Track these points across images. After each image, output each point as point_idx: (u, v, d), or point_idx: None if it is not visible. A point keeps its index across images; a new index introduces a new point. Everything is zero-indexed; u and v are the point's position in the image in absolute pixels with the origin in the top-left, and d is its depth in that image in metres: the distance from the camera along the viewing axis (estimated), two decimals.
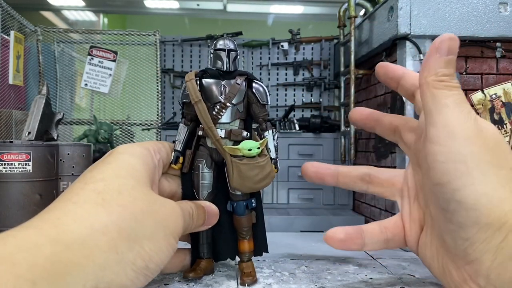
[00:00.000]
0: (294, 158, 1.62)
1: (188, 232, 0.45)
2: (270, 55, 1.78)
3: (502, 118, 1.03)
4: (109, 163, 0.40)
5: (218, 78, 0.47)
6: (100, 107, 1.55)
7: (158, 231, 0.38)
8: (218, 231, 0.49)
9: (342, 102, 1.40)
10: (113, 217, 0.35)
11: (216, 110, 0.46)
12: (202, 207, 0.45)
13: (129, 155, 0.42)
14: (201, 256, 0.48)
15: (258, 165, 0.45)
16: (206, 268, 0.48)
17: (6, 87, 1.20)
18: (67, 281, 0.30)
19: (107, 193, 0.36)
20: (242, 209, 0.47)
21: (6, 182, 0.60)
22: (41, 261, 0.29)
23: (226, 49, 0.47)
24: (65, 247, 0.31)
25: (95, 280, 0.32)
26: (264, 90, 0.49)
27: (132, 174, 0.40)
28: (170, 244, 0.39)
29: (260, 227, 0.50)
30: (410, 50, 1.00)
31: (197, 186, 0.48)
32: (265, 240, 0.50)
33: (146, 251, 0.36)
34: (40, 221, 0.33)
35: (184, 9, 4.12)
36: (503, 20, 1.00)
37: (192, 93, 0.46)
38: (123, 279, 0.35)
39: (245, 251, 0.48)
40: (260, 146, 0.45)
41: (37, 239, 0.31)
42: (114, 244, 0.34)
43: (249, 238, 0.48)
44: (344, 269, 0.52)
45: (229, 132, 0.46)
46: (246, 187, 0.46)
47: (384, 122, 0.50)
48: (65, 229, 0.32)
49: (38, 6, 3.98)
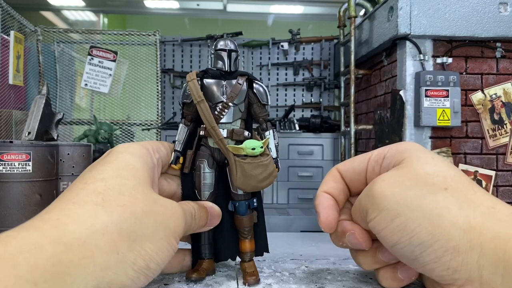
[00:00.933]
0: (294, 158, 1.62)
1: (190, 233, 0.45)
2: (270, 55, 1.78)
3: (502, 118, 1.03)
4: (109, 163, 0.40)
5: (219, 78, 0.47)
6: (100, 107, 1.55)
7: (158, 231, 0.38)
8: (219, 231, 0.49)
9: (342, 102, 1.40)
10: (114, 218, 0.35)
11: (218, 110, 0.46)
12: (205, 208, 0.45)
13: (129, 154, 0.41)
14: (202, 256, 0.48)
15: (262, 164, 0.45)
16: (208, 269, 0.48)
17: (6, 87, 1.20)
18: (68, 282, 0.30)
19: (107, 193, 0.36)
20: (244, 208, 0.47)
21: (6, 182, 0.60)
22: (42, 262, 0.29)
23: (227, 49, 0.47)
24: (66, 248, 0.31)
25: (96, 280, 0.32)
26: (265, 90, 0.49)
27: (133, 173, 0.40)
28: (170, 244, 0.39)
29: (261, 227, 0.50)
30: (410, 50, 1.00)
31: (199, 186, 0.48)
32: (265, 240, 0.50)
33: (147, 251, 0.36)
34: (41, 222, 0.33)
35: (184, 9, 4.12)
36: (503, 20, 1.00)
37: (194, 92, 0.46)
38: (124, 279, 0.35)
39: (247, 251, 0.48)
40: (263, 145, 0.45)
41: (37, 240, 0.30)
42: (114, 245, 0.34)
43: (251, 238, 0.48)
44: (344, 269, 0.52)
45: (231, 131, 0.47)
46: (249, 186, 0.46)
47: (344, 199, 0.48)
48: (65, 229, 0.32)
49: (38, 6, 3.98)
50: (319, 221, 0.44)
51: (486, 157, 1.03)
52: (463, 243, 0.35)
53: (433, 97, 0.97)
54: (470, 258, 0.34)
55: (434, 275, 0.37)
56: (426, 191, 0.37)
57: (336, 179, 0.47)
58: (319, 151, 1.62)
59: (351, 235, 0.43)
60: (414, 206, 0.37)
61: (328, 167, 1.62)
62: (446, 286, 0.37)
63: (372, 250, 0.44)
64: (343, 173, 0.47)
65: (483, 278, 0.34)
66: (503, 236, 0.34)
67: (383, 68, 1.16)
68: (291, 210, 1.59)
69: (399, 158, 0.42)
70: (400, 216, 0.37)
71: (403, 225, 0.37)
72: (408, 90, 1.01)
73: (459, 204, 0.36)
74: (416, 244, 0.36)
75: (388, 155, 0.44)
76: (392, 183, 0.39)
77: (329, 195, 0.46)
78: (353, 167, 0.46)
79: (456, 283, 0.36)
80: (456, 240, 0.35)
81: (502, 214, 0.35)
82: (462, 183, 0.38)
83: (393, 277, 0.43)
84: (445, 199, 0.37)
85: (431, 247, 0.36)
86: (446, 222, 0.36)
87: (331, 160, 1.62)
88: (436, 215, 0.36)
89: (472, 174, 1.02)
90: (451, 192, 0.37)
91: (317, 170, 1.62)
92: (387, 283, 0.44)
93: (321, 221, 0.44)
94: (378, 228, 0.39)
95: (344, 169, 0.47)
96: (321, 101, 1.78)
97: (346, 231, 0.44)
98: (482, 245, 0.34)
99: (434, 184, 0.38)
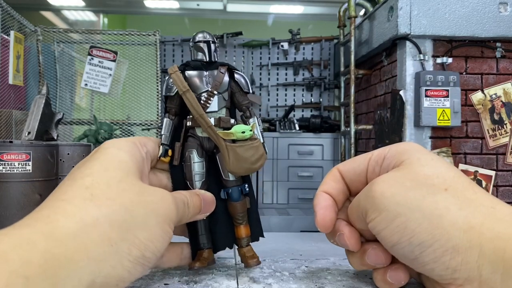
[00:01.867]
0: (294, 158, 1.62)
1: (185, 221, 0.45)
2: (270, 55, 1.78)
3: (502, 118, 1.03)
4: (96, 159, 0.40)
5: (200, 69, 0.49)
6: (100, 107, 1.55)
7: (150, 219, 0.38)
8: (213, 221, 0.50)
9: (342, 102, 1.40)
10: (103, 210, 0.35)
11: (204, 99, 0.47)
12: (197, 195, 0.46)
13: (116, 148, 0.42)
14: (201, 247, 0.49)
15: (253, 146, 0.46)
16: (209, 258, 0.49)
17: (6, 87, 1.20)
18: (61, 277, 0.30)
19: (95, 188, 0.37)
20: (237, 194, 0.48)
21: (6, 182, 0.60)
22: (34, 257, 0.29)
23: (206, 40, 0.49)
24: (59, 243, 0.31)
25: (91, 274, 0.32)
26: (245, 79, 0.51)
27: (120, 166, 0.40)
28: (164, 231, 0.39)
29: (254, 213, 0.51)
30: (410, 50, 1.00)
31: (190, 177, 0.48)
32: (259, 224, 0.51)
33: (141, 240, 0.36)
34: (32, 220, 0.33)
35: (184, 9, 4.12)
36: (503, 20, 1.00)
37: (178, 84, 0.47)
38: (120, 270, 0.35)
39: (243, 237, 0.49)
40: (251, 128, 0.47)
41: (30, 236, 0.31)
42: (107, 237, 0.34)
43: (245, 223, 0.49)
44: (344, 269, 0.52)
45: (218, 119, 0.48)
46: (243, 168, 0.47)
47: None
48: (56, 225, 0.33)
49: (38, 6, 3.98)
50: (316, 220, 0.45)
51: (486, 157, 1.03)
52: (463, 243, 0.35)
53: (433, 97, 0.97)
54: (469, 257, 0.35)
55: (434, 275, 0.38)
56: (426, 192, 0.38)
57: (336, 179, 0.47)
58: (319, 151, 1.62)
59: (340, 236, 0.44)
60: (414, 206, 0.37)
61: (328, 167, 1.62)
62: (446, 286, 0.37)
63: (360, 253, 0.44)
64: (344, 173, 0.47)
65: (482, 277, 0.34)
66: (503, 236, 0.34)
67: (383, 68, 1.16)
68: (291, 210, 1.59)
69: (399, 159, 0.42)
70: (401, 216, 0.37)
71: (403, 225, 0.37)
72: (408, 90, 1.01)
73: (459, 205, 0.36)
74: (416, 244, 0.37)
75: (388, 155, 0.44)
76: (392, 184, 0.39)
77: (328, 195, 0.46)
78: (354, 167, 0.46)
79: (455, 282, 0.36)
80: (455, 240, 0.35)
81: (502, 214, 0.36)
82: (462, 184, 0.38)
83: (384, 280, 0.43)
84: (445, 200, 0.37)
85: (431, 247, 0.36)
86: (446, 222, 0.36)
87: (331, 160, 1.62)
88: (436, 216, 0.36)
89: (472, 174, 1.02)
90: (451, 192, 0.37)
91: (317, 170, 1.62)
92: (379, 284, 0.44)
93: (317, 221, 0.44)
94: (378, 228, 0.39)
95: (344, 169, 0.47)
96: (321, 101, 1.78)
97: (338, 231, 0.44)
98: (481, 245, 0.34)
99: (434, 185, 0.38)
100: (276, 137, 1.62)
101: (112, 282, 0.34)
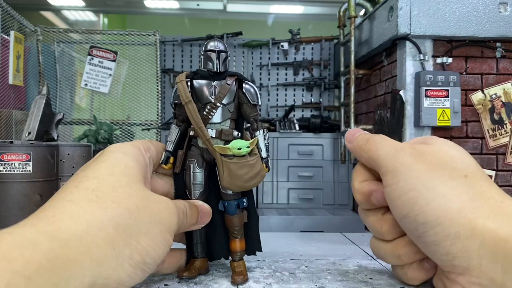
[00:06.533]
0: (294, 158, 1.62)
1: (182, 231, 0.45)
2: (270, 55, 1.78)
3: (502, 118, 1.03)
4: (102, 162, 0.41)
5: (208, 79, 0.48)
6: (100, 107, 1.55)
7: (154, 227, 0.38)
8: (211, 230, 0.50)
9: (342, 102, 1.40)
10: (109, 213, 0.35)
11: (207, 110, 0.47)
12: (195, 206, 0.46)
13: (121, 153, 0.42)
14: (195, 255, 0.49)
15: (248, 164, 0.45)
16: (201, 268, 0.48)
17: (6, 87, 1.20)
18: (64, 277, 0.30)
19: (101, 190, 0.37)
20: (233, 208, 0.48)
21: (6, 183, 0.60)
22: (37, 257, 0.29)
23: (217, 50, 0.48)
24: (62, 244, 0.31)
25: (93, 276, 0.32)
26: (255, 90, 0.50)
27: (125, 171, 0.40)
28: (166, 239, 0.39)
29: (253, 226, 0.50)
30: (410, 50, 1.00)
31: (189, 186, 0.48)
32: (258, 239, 0.50)
33: (143, 246, 0.37)
34: (36, 219, 0.33)
35: (184, 9, 4.13)
36: (503, 20, 1.00)
37: (182, 94, 0.47)
38: (121, 274, 0.35)
39: (236, 250, 0.49)
40: (250, 145, 0.46)
41: (33, 236, 0.31)
42: (110, 240, 0.34)
43: (241, 237, 0.49)
44: (344, 269, 0.52)
45: (219, 132, 0.47)
46: (236, 185, 0.46)
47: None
48: (61, 226, 0.33)
49: (38, 6, 3.98)
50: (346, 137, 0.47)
51: (486, 157, 1.03)
52: (465, 231, 0.36)
53: (433, 97, 0.97)
54: (470, 245, 0.35)
55: (436, 259, 0.39)
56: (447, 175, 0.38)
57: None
58: (319, 151, 1.62)
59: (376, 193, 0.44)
60: (430, 186, 0.38)
61: (328, 167, 1.62)
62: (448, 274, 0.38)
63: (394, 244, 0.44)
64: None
65: (482, 267, 0.35)
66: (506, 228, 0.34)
67: (383, 68, 1.16)
68: (291, 210, 1.59)
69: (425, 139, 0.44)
70: (415, 191, 0.38)
71: (414, 200, 0.38)
72: (408, 90, 1.01)
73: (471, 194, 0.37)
74: (421, 222, 0.38)
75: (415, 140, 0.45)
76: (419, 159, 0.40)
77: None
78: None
79: (455, 270, 0.37)
80: (458, 226, 0.36)
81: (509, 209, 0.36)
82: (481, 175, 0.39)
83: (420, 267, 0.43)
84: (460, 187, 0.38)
85: (433, 228, 0.37)
86: (453, 208, 0.37)
87: (331, 160, 1.62)
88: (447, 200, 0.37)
89: None
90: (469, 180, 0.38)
91: (317, 170, 1.62)
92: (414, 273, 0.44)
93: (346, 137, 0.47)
94: (392, 196, 0.40)
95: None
96: (321, 101, 1.78)
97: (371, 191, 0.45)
98: (483, 235, 0.35)
99: (457, 168, 0.39)
100: (276, 137, 1.62)
101: (112, 285, 0.34)
